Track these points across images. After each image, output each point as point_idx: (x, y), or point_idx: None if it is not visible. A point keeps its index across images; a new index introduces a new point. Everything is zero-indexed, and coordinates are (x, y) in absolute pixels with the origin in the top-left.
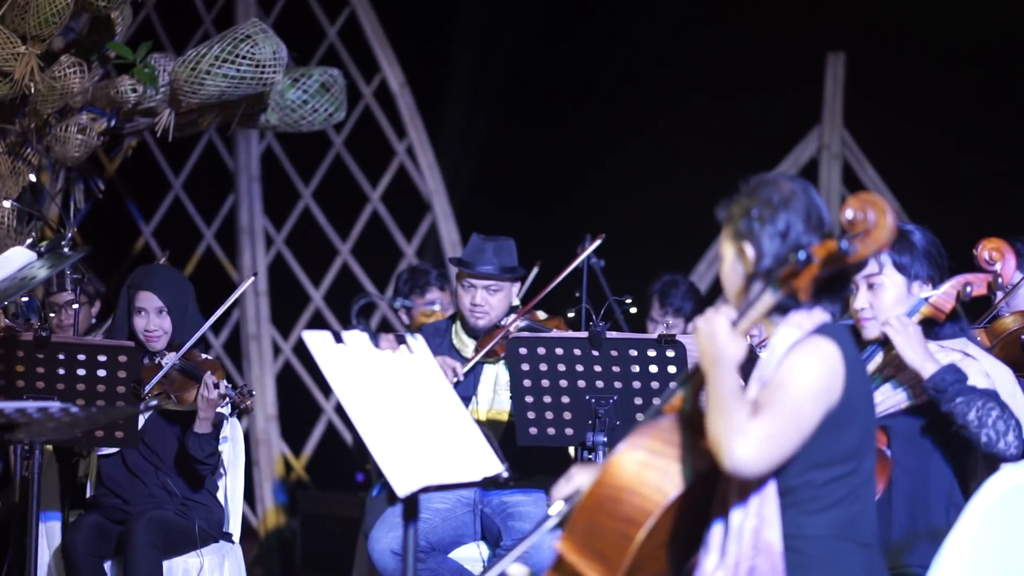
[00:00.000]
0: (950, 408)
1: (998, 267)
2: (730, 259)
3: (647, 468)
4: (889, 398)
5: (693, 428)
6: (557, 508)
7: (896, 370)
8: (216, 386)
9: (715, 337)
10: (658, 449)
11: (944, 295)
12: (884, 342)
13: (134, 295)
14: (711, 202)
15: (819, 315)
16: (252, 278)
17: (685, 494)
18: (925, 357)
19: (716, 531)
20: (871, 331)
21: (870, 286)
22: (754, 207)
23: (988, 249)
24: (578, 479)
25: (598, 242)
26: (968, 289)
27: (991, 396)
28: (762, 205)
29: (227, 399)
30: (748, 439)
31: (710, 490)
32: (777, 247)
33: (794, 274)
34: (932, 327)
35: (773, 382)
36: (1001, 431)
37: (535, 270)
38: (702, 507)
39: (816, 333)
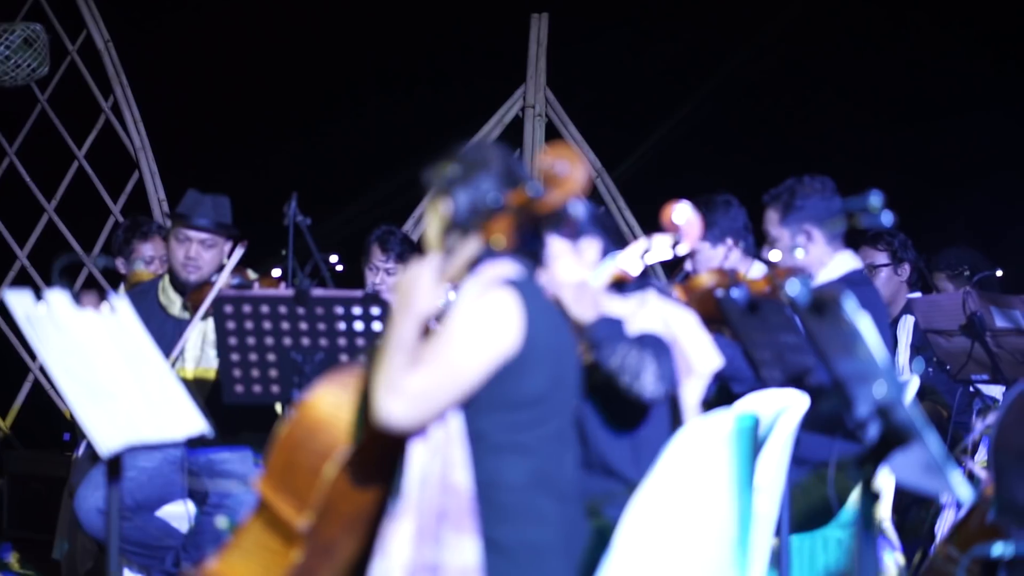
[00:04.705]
0: (598, 358)
1: (684, 228)
2: (432, 217)
3: (341, 406)
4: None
5: None
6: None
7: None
8: None
9: (415, 282)
10: (354, 387)
11: (631, 256)
12: None
13: None
14: (418, 163)
15: (506, 266)
16: None
17: (381, 440)
18: (588, 310)
19: (406, 475)
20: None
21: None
22: (453, 167)
23: (672, 212)
24: None
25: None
26: (652, 250)
27: (634, 341)
28: (460, 165)
29: None
30: (399, 396)
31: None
32: (471, 200)
33: (489, 220)
34: (621, 288)
35: (436, 335)
36: (638, 371)
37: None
38: (397, 453)
39: (498, 284)
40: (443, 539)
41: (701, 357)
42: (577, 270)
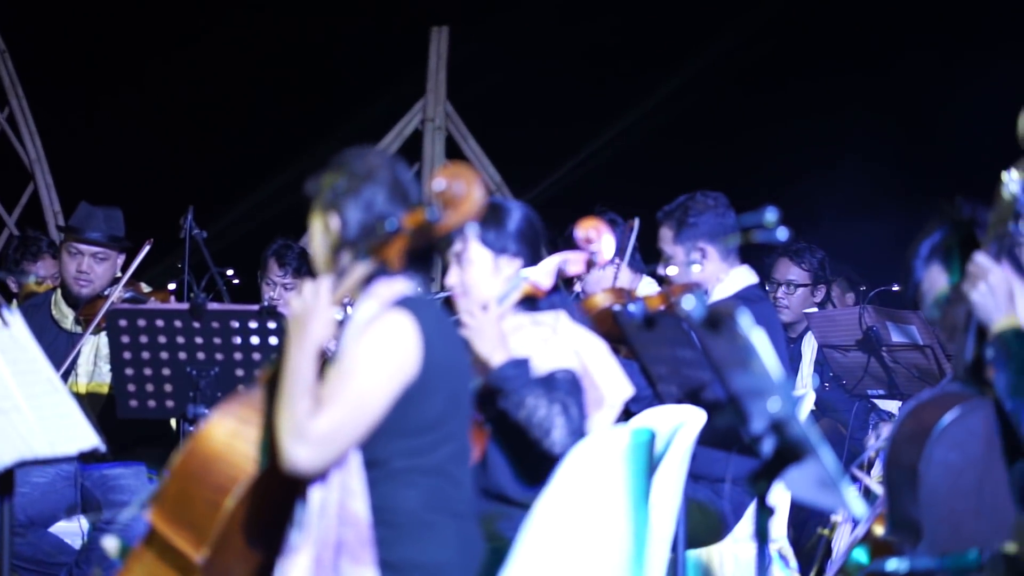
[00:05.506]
0: (505, 407)
1: (595, 246)
2: (318, 232)
3: (237, 437)
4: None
5: None
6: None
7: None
8: None
9: (309, 312)
10: (249, 418)
11: (542, 273)
12: None
13: None
14: (314, 176)
15: (400, 285)
16: None
17: (279, 472)
18: (495, 347)
19: (305, 506)
20: (461, 316)
21: (459, 262)
22: (339, 180)
23: (585, 229)
24: None
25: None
26: (565, 267)
27: (543, 388)
28: (347, 177)
29: None
30: (305, 442)
31: None
32: (361, 217)
33: (384, 243)
34: (532, 303)
35: (339, 368)
36: (548, 429)
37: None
38: (295, 483)
39: (393, 307)
40: (341, 571)
41: (612, 388)
42: (490, 282)
